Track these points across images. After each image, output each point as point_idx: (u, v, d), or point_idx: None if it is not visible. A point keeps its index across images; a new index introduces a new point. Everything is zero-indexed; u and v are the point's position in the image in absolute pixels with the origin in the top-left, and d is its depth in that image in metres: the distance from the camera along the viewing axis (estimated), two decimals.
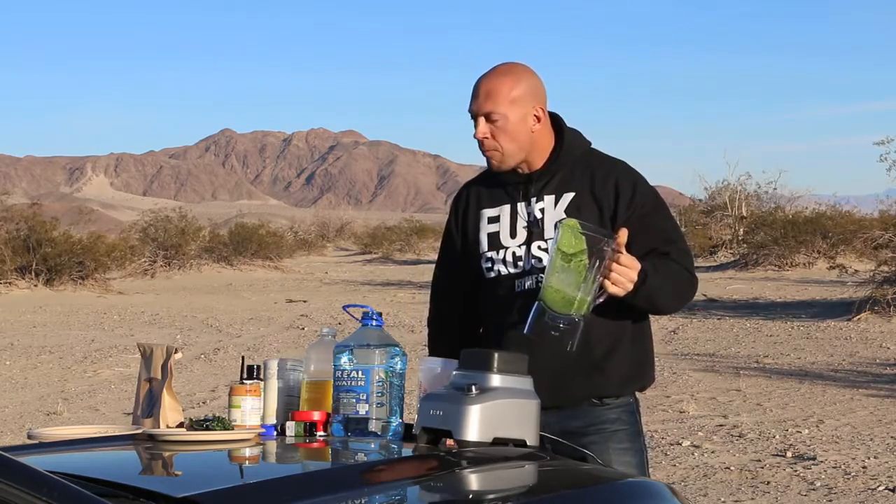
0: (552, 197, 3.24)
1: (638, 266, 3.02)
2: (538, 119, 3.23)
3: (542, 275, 3.14)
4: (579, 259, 2.93)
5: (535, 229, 3.23)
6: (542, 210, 3.23)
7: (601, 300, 2.99)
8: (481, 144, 3.22)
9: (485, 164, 3.38)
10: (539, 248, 3.21)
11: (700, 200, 43.18)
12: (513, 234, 3.26)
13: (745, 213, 37.81)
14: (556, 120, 3.32)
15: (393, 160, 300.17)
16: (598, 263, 2.93)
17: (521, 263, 3.23)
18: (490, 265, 3.28)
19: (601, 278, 2.95)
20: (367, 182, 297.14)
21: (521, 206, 3.26)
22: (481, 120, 3.19)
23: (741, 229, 36.24)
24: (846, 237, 30.39)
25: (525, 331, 3.00)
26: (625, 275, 2.99)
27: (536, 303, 2.99)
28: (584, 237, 2.94)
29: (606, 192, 3.21)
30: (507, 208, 3.29)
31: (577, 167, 3.26)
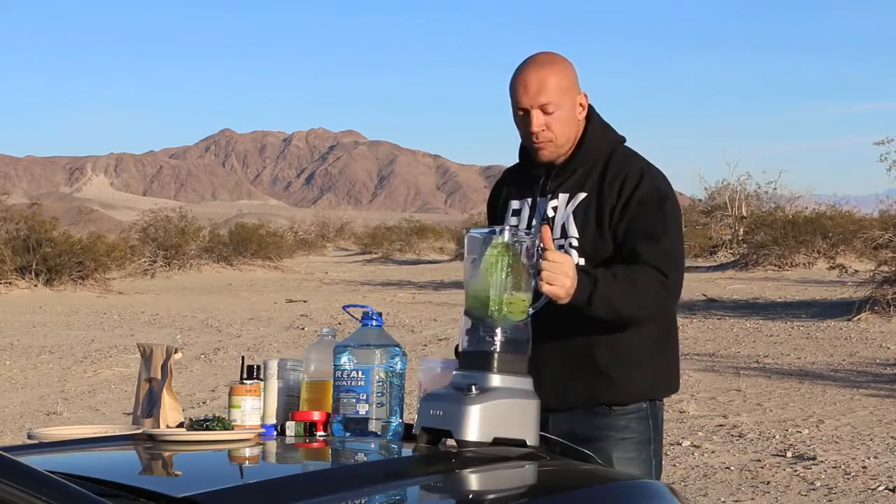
0: (566, 195, 3.17)
1: (570, 260, 2.89)
2: (583, 107, 3.20)
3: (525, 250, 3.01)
4: (487, 260, 2.81)
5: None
6: (554, 208, 3.17)
7: (542, 302, 2.84)
8: (534, 137, 3.13)
9: (483, 164, 3.36)
10: None
11: (700, 200, 43.17)
12: (529, 230, 3.18)
13: (745, 213, 37.80)
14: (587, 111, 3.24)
15: (393, 160, 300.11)
16: (506, 257, 2.78)
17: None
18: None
19: (534, 281, 2.83)
20: (367, 182, 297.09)
21: (541, 202, 3.20)
22: (537, 112, 3.11)
23: (741, 229, 36.22)
24: (846, 237, 30.40)
25: (462, 346, 2.91)
26: (555, 269, 2.83)
27: (463, 316, 2.91)
28: (480, 239, 2.85)
29: (611, 193, 3.13)
30: (528, 202, 3.23)
31: (597, 165, 3.17)
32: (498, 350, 2.81)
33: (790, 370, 12.41)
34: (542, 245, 2.86)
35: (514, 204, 3.27)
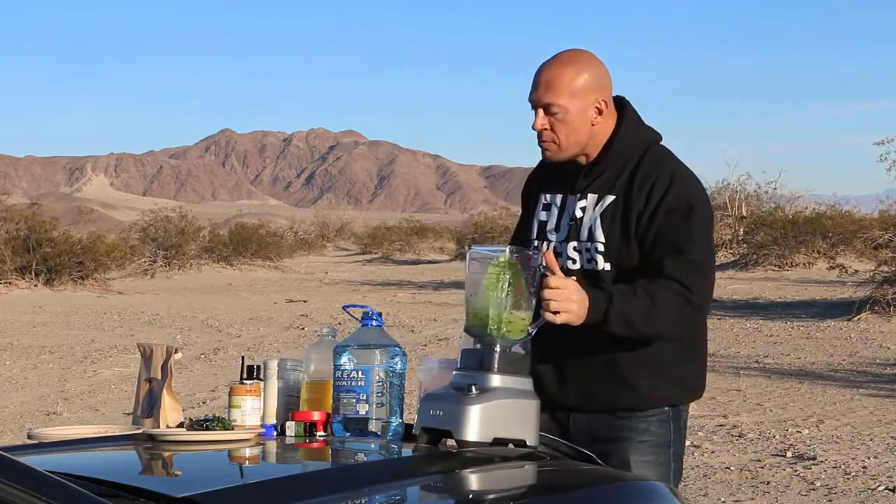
0: (595, 196, 3.10)
1: (571, 283, 2.84)
2: (600, 111, 3.09)
3: (573, 278, 2.94)
4: (488, 278, 2.83)
5: (574, 229, 3.12)
6: (582, 209, 3.11)
7: (542, 322, 2.85)
8: (539, 136, 3.11)
9: (483, 164, 3.36)
10: (574, 248, 3.09)
11: None
12: (557, 229, 3.15)
13: (745, 213, 37.79)
14: (622, 109, 3.15)
15: (393, 160, 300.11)
16: (507, 276, 2.80)
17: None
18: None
19: (533, 300, 2.84)
20: (367, 182, 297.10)
21: (570, 200, 3.15)
22: (540, 111, 3.07)
23: (741, 229, 36.21)
24: (846, 237, 30.39)
25: (458, 365, 2.91)
26: (558, 296, 2.81)
27: (463, 333, 2.93)
28: (482, 256, 2.86)
29: (640, 197, 3.05)
30: (559, 198, 3.17)
31: (628, 165, 3.09)
32: (495, 363, 2.82)
33: (790, 370, 12.41)
34: (544, 266, 2.84)
35: (545, 198, 3.21)
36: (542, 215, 3.20)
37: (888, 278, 18.51)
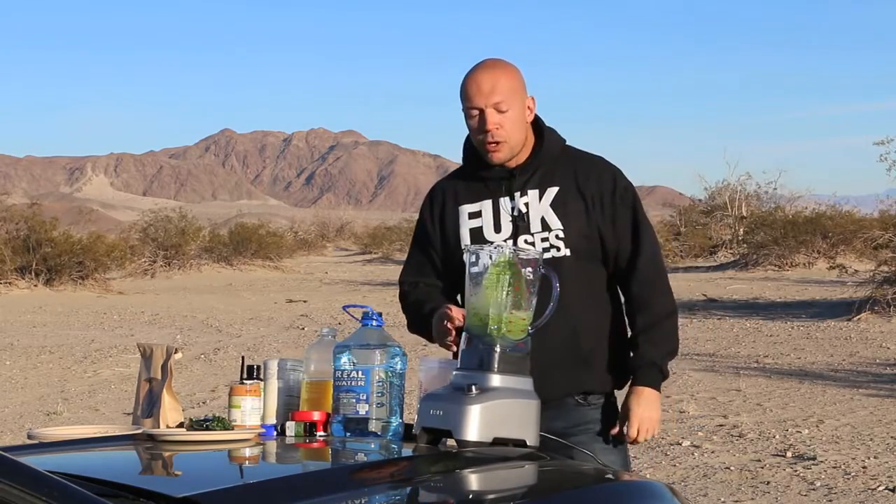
0: (536, 192, 3.25)
1: (637, 412, 3.18)
2: (531, 110, 3.28)
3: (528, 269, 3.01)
4: (489, 278, 2.84)
5: (521, 223, 3.23)
6: (526, 204, 3.24)
7: (542, 321, 2.90)
8: (489, 136, 3.19)
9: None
10: (525, 241, 3.21)
11: (700, 200, 43.19)
12: (497, 229, 3.25)
13: (745, 213, 37.84)
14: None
15: (393, 160, 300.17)
16: (507, 276, 2.82)
17: None
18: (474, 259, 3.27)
19: (533, 300, 2.88)
20: (367, 182, 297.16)
21: (503, 201, 3.26)
22: (491, 111, 3.18)
23: (741, 229, 36.27)
24: (846, 237, 30.42)
25: (458, 365, 2.91)
26: (645, 425, 3.18)
27: (463, 333, 2.94)
28: (481, 255, 2.88)
29: (590, 186, 3.25)
30: (487, 203, 3.28)
31: (559, 163, 3.29)
32: (495, 364, 2.83)
33: (790, 370, 12.41)
34: (544, 268, 2.91)
35: (469, 207, 3.31)
36: (473, 223, 3.29)
37: (888, 278, 18.51)
